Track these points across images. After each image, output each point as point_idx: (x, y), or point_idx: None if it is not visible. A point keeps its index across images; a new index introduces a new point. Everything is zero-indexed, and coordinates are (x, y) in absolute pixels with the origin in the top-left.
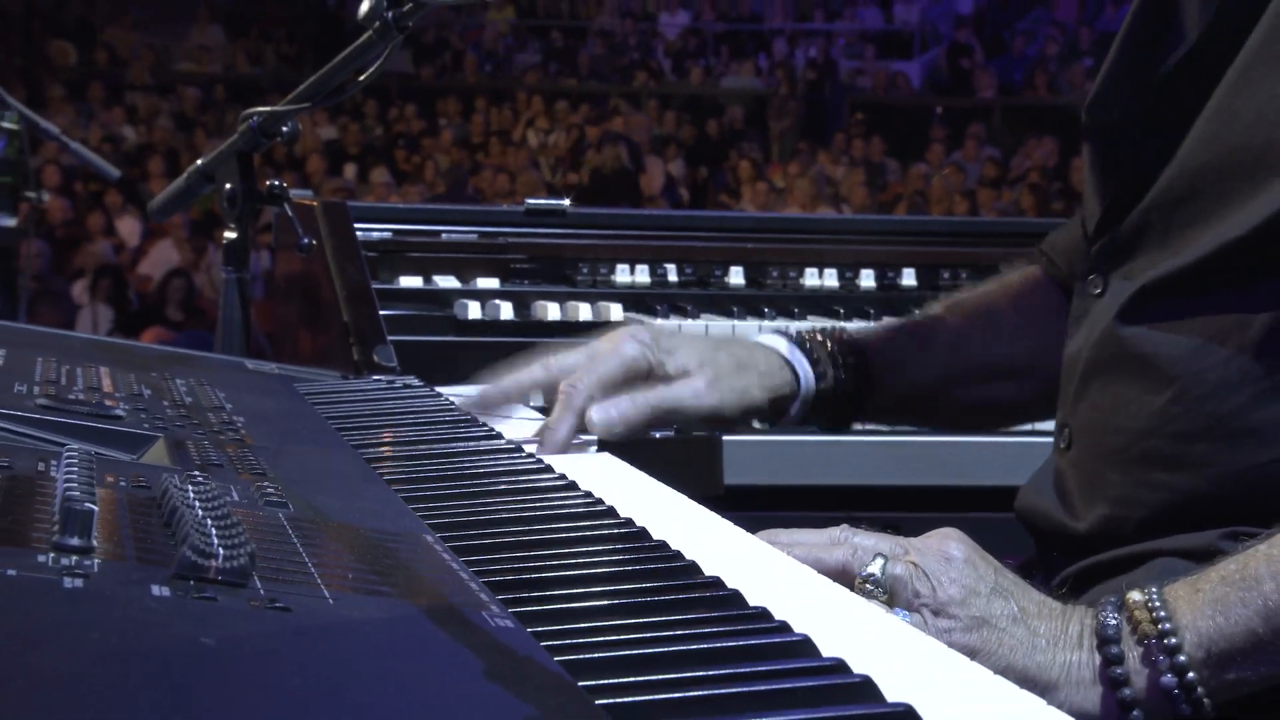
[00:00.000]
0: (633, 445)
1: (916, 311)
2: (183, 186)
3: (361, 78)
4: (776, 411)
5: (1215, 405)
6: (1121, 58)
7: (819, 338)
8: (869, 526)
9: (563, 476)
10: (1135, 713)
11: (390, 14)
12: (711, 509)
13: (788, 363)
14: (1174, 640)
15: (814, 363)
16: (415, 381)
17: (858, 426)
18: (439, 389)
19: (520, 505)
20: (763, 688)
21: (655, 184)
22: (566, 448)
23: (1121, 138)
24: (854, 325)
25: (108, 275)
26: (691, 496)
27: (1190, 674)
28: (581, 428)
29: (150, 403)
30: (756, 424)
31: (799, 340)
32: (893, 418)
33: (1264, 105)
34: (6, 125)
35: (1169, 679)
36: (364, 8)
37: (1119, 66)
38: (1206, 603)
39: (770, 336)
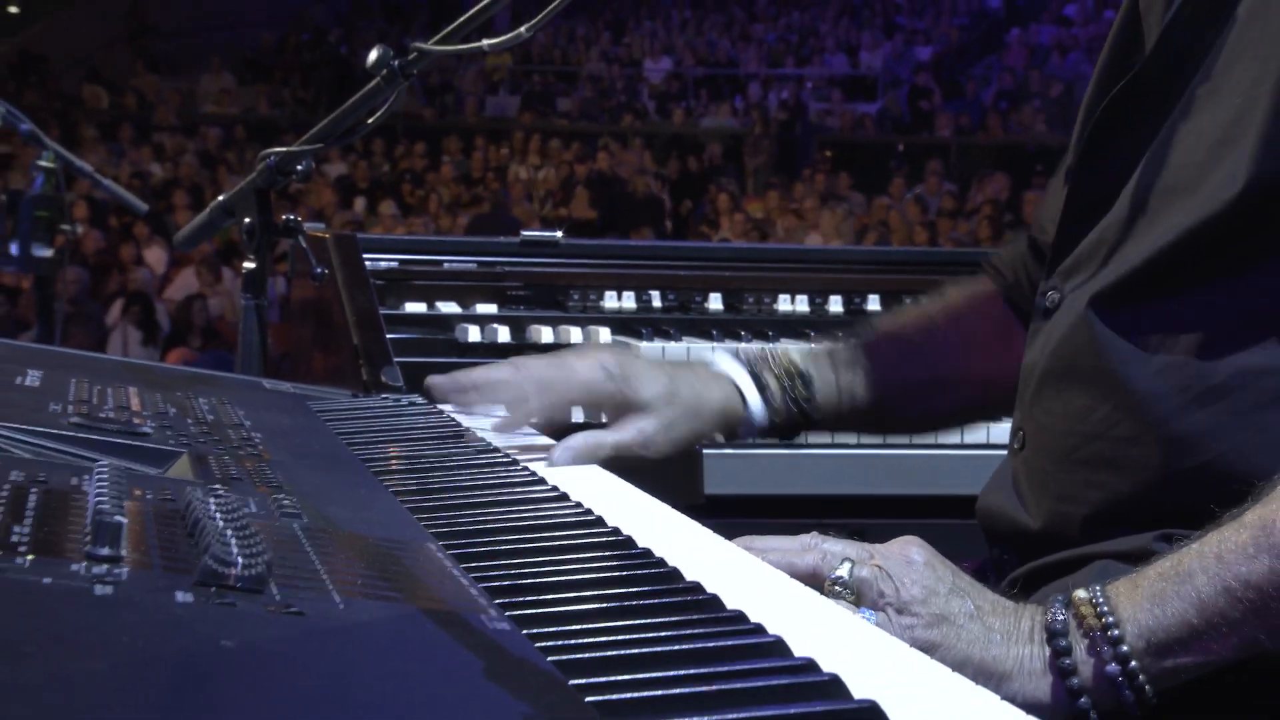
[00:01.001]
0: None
1: (865, 326)
2: (206, 220)
3: (370, 120)
4: (729, 434)
5: (1148, 413)
6: (1097, 83)
7: (768, 365)
8: (837, 532)
9: (554, 488)
10: (1083, 700)
11: (396, 62)
12: (693, 517)
13: (740, 393)
14: (1116, 632)
15: (762, 389)
16: (420, 400)
17: (826, 440)
18: (441, 407)
19: (515, 515)
20: (739, 686)
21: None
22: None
23: (1085, 154)
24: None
25: (137, 300)
26: (674, 505)
27: (1132, 662)
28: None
29: (175, 420)
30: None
31: (752, 370)
32: (839, 429)
33: (1206, 128)
34: (44, 164)
35: (1113, 668)
36: (372, 56)
37: (1094, 93)
38: (1145, 597)
39: (727, 363)
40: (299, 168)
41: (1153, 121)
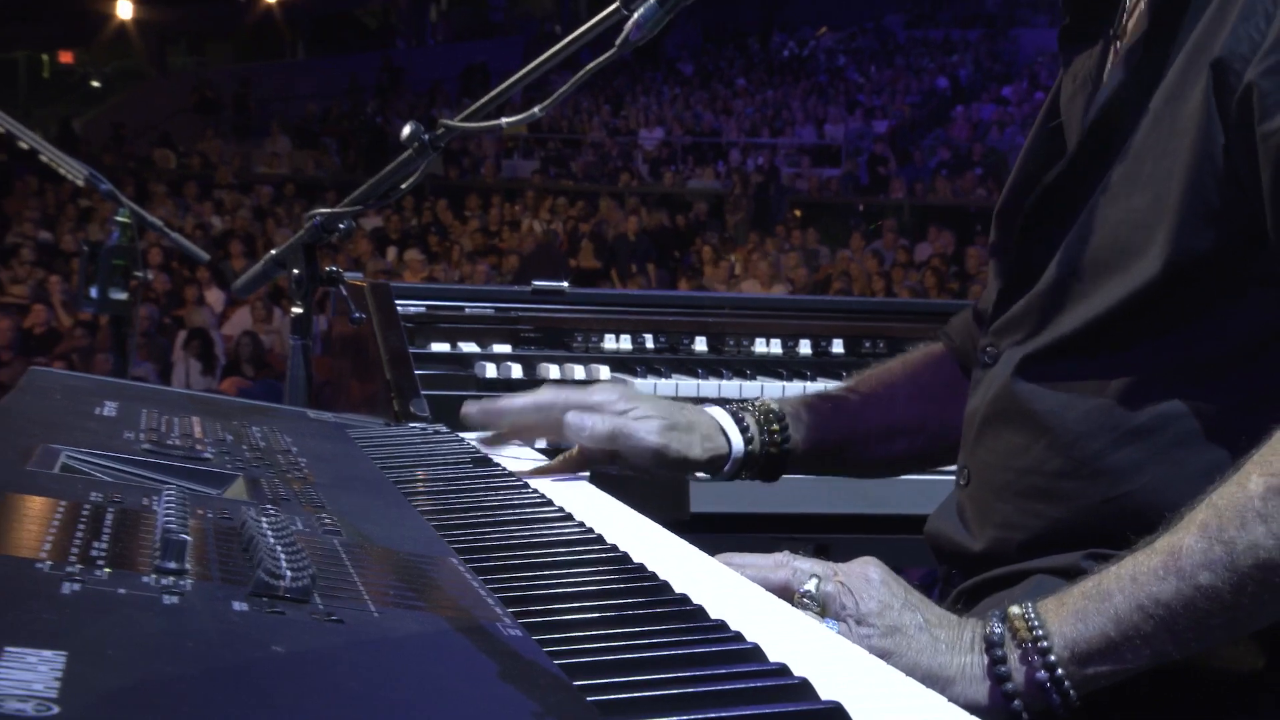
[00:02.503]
0: (615, 478)
1: (840, 382)
2: (261, 271)
3: (404, 186)
4: (713, 467)
5: (1078, 451)
6: (1019, 174)
7: (749, 410)
8: (804, 546)
9: (561, 509)
10: (1016, 702)
11: (426, 136)
12: (680, 533)
13: (723, 431)
14: (1045, 644)
15: (743, 431)
16: (444, 429)
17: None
18: (462, 435)
19: (527, 533)
20: (722, 688)
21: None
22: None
23: (1019, 237)
24: (795, 389)
25: (197, 335)
26: (663, 522)
27: (1059, 670)
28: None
29: (232, 447)
30: (700, 476)
31: (734, 413)
32: (810, 469)
33: (1128, 212)
34: (120, 219)
35: (1042, 674)
36: (406, 131)
37: (1015, 183)
38: (1070, 614)
39: (714, 408)
40: (341, 226)
41: (1076, 205)
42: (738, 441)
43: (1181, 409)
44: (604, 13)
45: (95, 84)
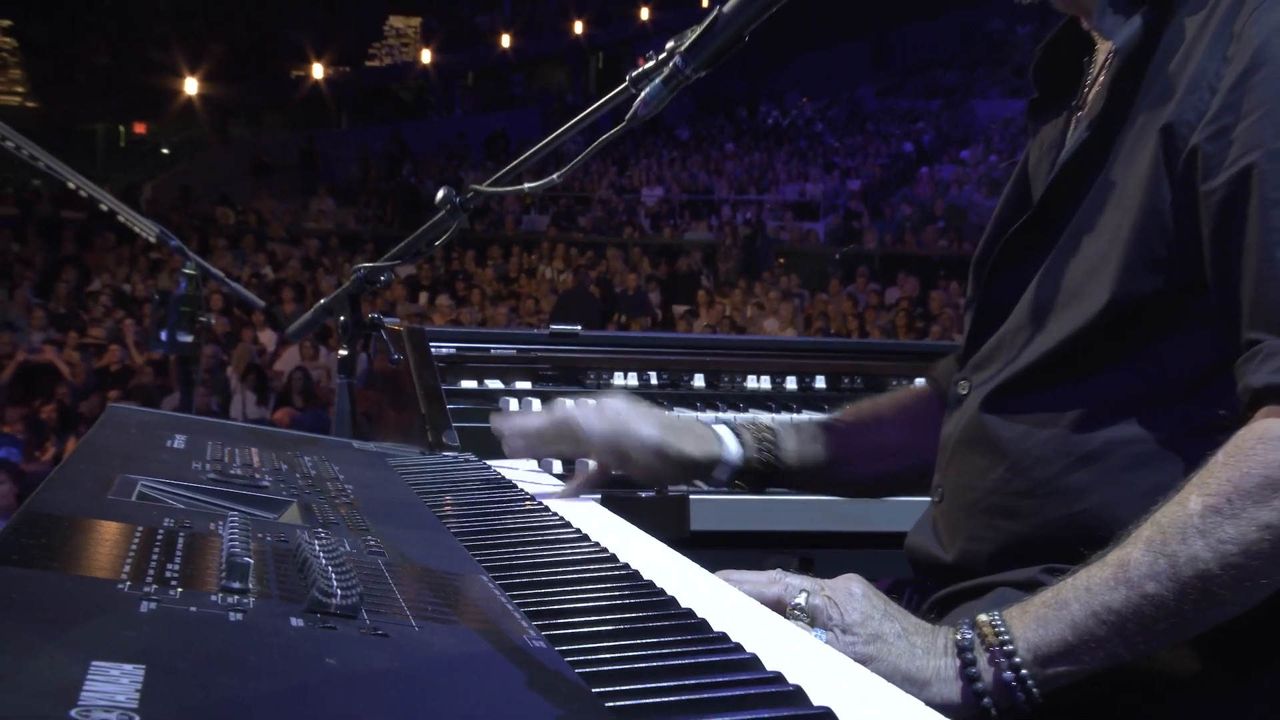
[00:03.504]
0: (623, 500)
1: (807, 414)
2: (311, 318)
3: (436, 243)
4: (709, 469)
5: (1036, 473)
6: (994, 227)
7: (746, 425)
8: (792, 563)
9: (578, 530)
10: (986, 700)
11: (457, 199)
12: (681, 550)
13: (720, 439)
14: (1011, 648)
15: (739, 439)
16: (473, 458)
17: (786, 489)
18: (489, 463)
19: (548, 552)
20: (725, 694)
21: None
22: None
23: (986, 283)
24: (783, 417)
25: (253, 370)
26: (666, 540)
27: (1023, 671)
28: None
29: (287, 475)
30: (698, 484)
31: (731, 425)
32: (800, 484)
33: (1084, 259)
34: (187, 271)
35: (1008, 675)
36: (439, 195)
37: (990, 235)
38: (1032, 620)
39: (713, 423)
40: (381, 279)
41: (1039, 255)
42: (733, 447)
43: (1128, 436)
44: (614, 91)
45: (165, 151)
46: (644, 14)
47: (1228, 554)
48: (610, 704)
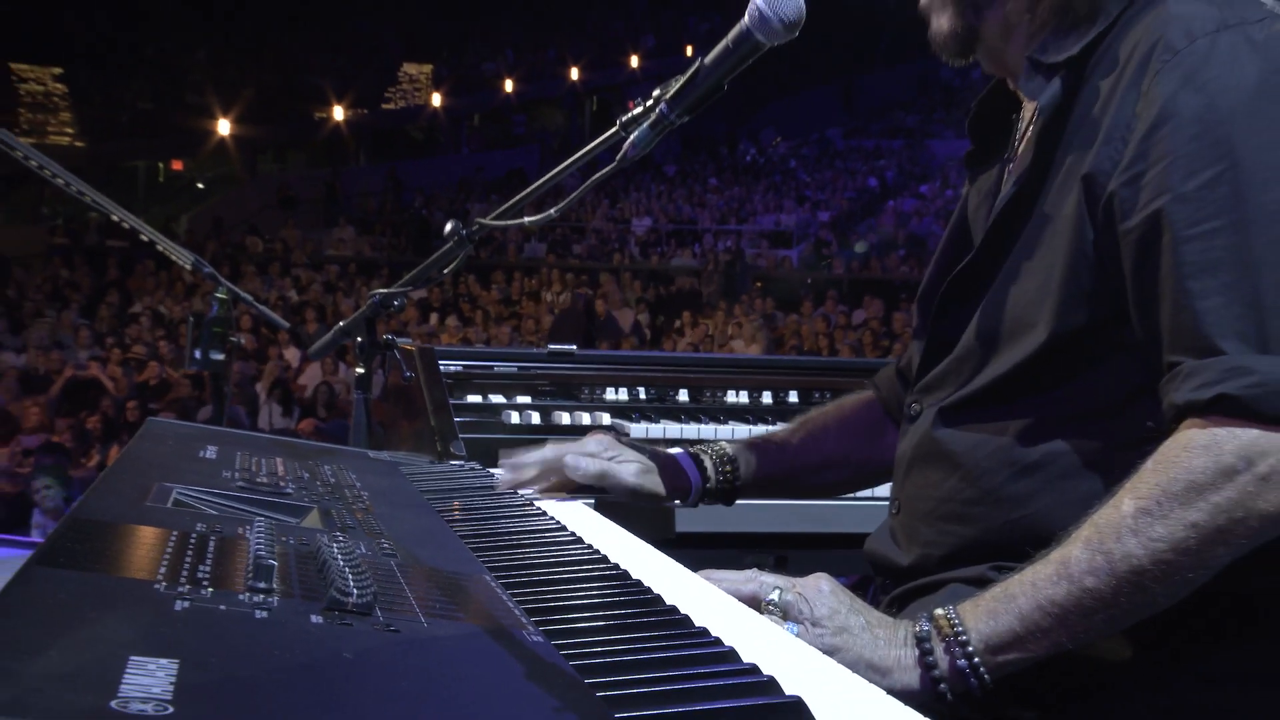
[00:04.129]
0: (614, 503)
1: (780, 425)
2: (331, 339)
3: (445, 271)
4: (680, 498)
5: (984, 483)
6: (936, 265)
7: (708, 454)
8: (766, 562)
9: (572, 534)
10: (942, 685)
11: (464, 231)
12: (666, 550)
13: (686, 473)
14: (964, 638)
15: (701, 471)
16: (477, 466)
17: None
18: (492, 471)
19: (545, 554)
20: (706, 684)
21: (628, 326)
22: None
23: (935, 316)
24: (760, 430)
25: (279, 385)
26: (652, 540)
27: (976, 659)
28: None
29: (308, 483)
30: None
31: (695, 456)
32: (760, 496)
33: (1021, 295)
34: (219, 295)
35: (962, 662)
36: (448, 228)
37: (934, 272)
38: (983, 613)
39: (680, 453)
40: (395, 303)
41: (980, 290)
42: (696, 480)
43: (1066, 448)
44: (607, 134)
45: (200, 186)
46: (634, 61)
47: (1158, 551)
48: (601, 694)
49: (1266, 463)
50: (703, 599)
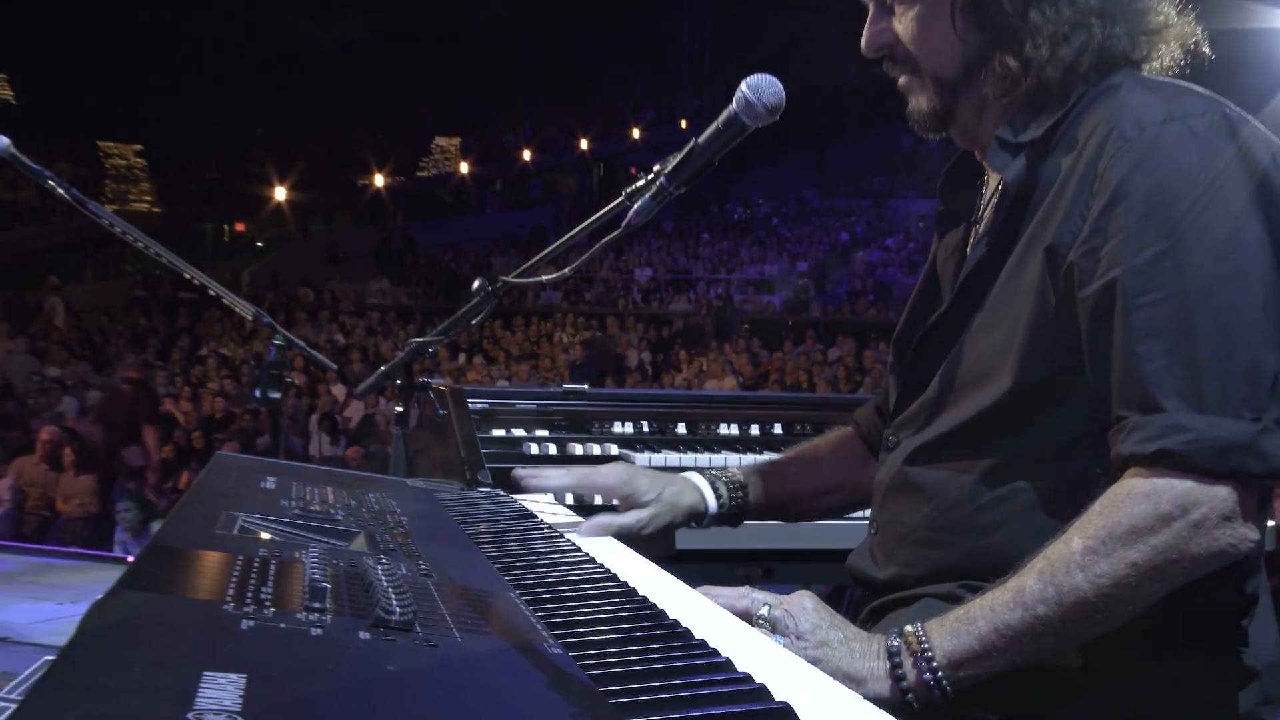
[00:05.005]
0: None
1: (782, 452)
2: (374, 380)
3: (474, 322)
4: (696, 521)
5: (953, 514)
6: (909, 314)
7: (722, 480)
8: (755, 574)
9: (587, 555)
10: (910, 695)
11: (490, 288)
12: (667, 566)
13: (704, 497)
14: (930, 654)
15: (718, 497)
16: (502, 493)
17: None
18: (515, 497)
19: (562, 573)
20: (705, 692)
21: (634, 363)
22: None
23: (908, 362)
24: (748, 459)
25: (327, 418)
26: (655, 557)
27: (939, 673)
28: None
29: (355, 510)
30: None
31: (712, 482)
32: (763, 518)
33: (986, 346)
34: (276, 342)
35: (927, 675)
36: (475, 284)
37: (907, 320)
38: (947, 632)
39: (698, 478)
40: (430, 350)
41: (950, 340)
42: (713, 504)
43: (1025, 486)
44: (614, 203)
45: (259, 245)
46: (635, 133)
47: (1102, 585)
48: (614, 701)
49: (1199, 511)
50: (701, 613)
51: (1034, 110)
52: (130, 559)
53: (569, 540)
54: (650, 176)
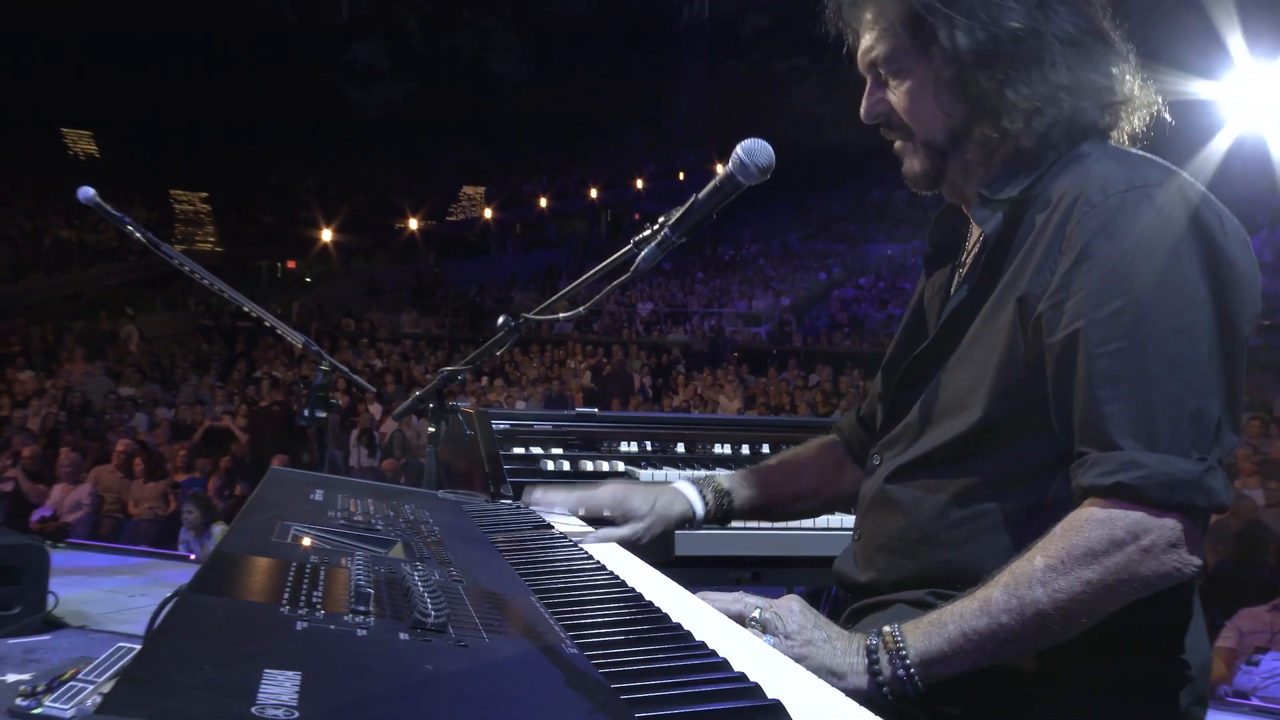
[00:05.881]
0: None
1: (766, 461)
2: (410, 405)
3: (498, 353)
4: (688, 524)
5: (926, 529)
6: (898, 343)
7: (708, 485)
8: (745, 577)
9: (599, 563)
10: (885, 689)
11: (512, 323)
12: (667, 571)
13: (691, 505)
14: (904, 653)
15: (703, 501)
16: (521, 505)
17: (742, 524)
18: (533, 508)
19: (576, 579)
20: (704, 689)
21: (636, 386)
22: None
23: (893, 389)
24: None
25: (366, 434)
26: (656, 562)
27: (912, 670)
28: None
29: (393, 520)
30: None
31: (699, 486)
32: (747, 520)
33: (961, 380)
34: (322, 368)
35: (901, 672)
36: (500, 320)
37: (895, 349)
38: (920, 634)
39: (687, 486)
40: (459, 377)
41: (931, 372)
42: (700, 510)
43: (993, 507)
44: (623, 250)
45: (308, 280)
46: (638, 184)
47: (1059, 600)
48: (624, 697)
49: (1149, 538)
50: (700, 616)
51: (1011, 173)
52: (192, 556)
53: (580, 548)
54: (655, 227)
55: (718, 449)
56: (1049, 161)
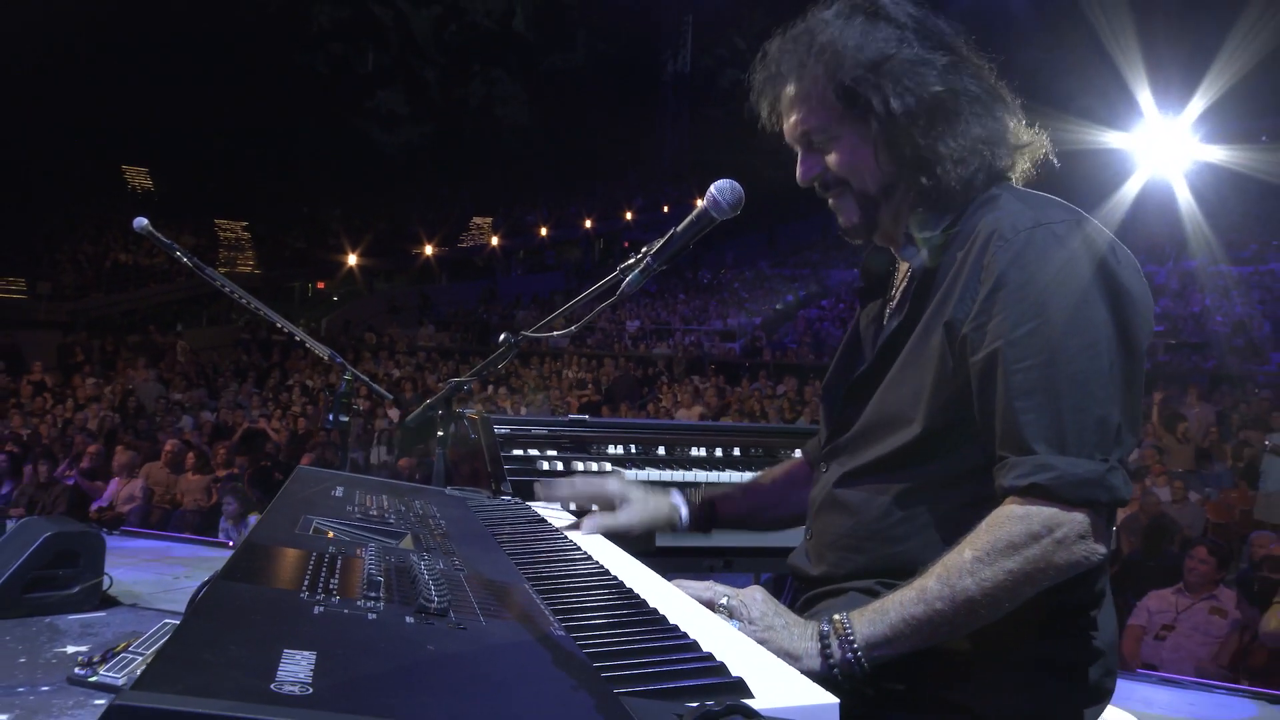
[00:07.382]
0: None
1: (740, 470)
2: (422, 412)
3: (499, 366)
4: (671, 528)
5: (872, 526)
6: (836, 366)
7: (693, 496)
8: (717, 566)
9: (585, 553)
10: (836, 670)
11: (513, 339)
12: (647, 560)
13: (676, 508)
14: (852, 638)
15: (690, 510)
16: (520, 501)
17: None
18: (530, 504)
19: (565, 568)
20: (677, 668)
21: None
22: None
23: (837, 405)
24: (714, 475)
25: (383, 434)
26: (637, 552)
27: (859, 653)
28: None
29: (403, 514)
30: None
31: (686, 499)
32: (727, 528)
33: (899, 396)
34: (346, 377)
35: (849, 655)
36: (501, 337)
37: (835, 371)
38: (866, 621)
39: (676, 494)
40: (465, 387)
41: (870, 391)
42: (685, 518)
43: (928, 507)
44: (610, 276)
45: (335, 299)
46: (628, 215)
47: (986, 587)
48: (606, 675)
49: (1061, 531)
50: (674, 602)
51: (936, 214)
52: (230, 543)
53: (570, 540)
54: (639, 255)
55: (694, 451)
56: (964, 203)
